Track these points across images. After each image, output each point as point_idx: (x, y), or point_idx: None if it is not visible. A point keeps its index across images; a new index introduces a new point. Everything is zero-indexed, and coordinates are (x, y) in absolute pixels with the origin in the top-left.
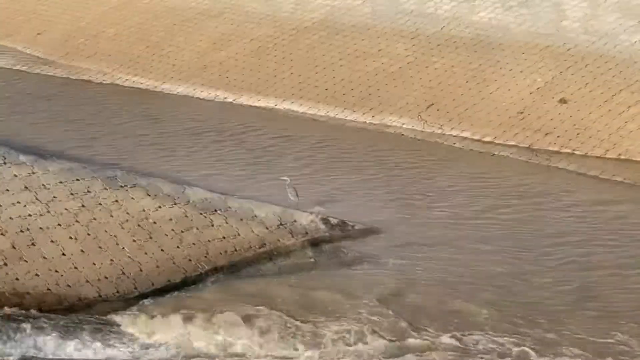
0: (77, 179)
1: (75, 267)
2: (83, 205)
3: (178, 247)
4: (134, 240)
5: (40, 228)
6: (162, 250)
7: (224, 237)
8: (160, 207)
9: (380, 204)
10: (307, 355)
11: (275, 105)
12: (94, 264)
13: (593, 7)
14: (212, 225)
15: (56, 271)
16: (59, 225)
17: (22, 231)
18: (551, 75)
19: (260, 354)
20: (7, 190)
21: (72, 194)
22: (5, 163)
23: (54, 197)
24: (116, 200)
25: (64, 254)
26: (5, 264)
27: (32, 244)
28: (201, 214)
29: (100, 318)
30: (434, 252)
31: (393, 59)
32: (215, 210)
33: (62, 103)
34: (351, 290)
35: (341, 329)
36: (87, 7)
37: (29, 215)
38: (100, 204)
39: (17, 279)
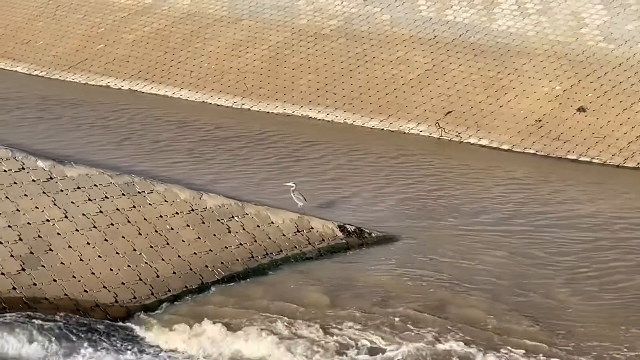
0: (95, 185)
1: (93, 273)
2: (100, 211)
3: (195, 253)
4: (151, 246)
5: (58, 233)
6: (178, 256)
7: (240, 244)
8: (177, 213)
9: (398, 211)
10: None
11: (293, 111)
12: (111, 269)
13: (612, 15)
14: (229, 232)
15: (73, 276)
16: (77, 230)
17: (39, 236)
18: (570, 83)
19: None
20: (26, 195)
21: (89, 199)
22: (23, 168)
23: (72, 202)
24: (133, 206)
25: (81, 260)
26: (23, 269)
27: (50, 249)
28: (218, 220)
29: (115, 324)
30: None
31: (411, 66)
32: (232, 217)
33: (79, 109)
34: None
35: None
36: (107, 13)
37: (47, 220)
38: (117, 209)
39: (34, 284)
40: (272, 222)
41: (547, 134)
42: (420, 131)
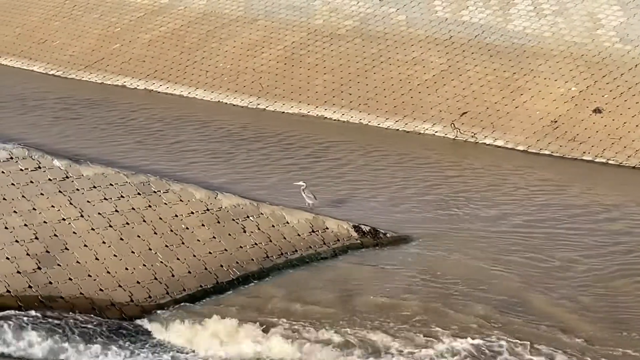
0: (111, 184)
1: (108, 272)
2: (116, 210)
3: (210, 252)
4: (166, 246)
5: (74, 232)
6: (194, 255)
7: (255, 244)
8: (192, 212)
9: (416, 212)
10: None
11: (308, 112)
12: (127, 268)
13: (628, 16)
14: (244, 231)
15: (89, 275)
16: (92, 229)
17: (55, 235)
18: (586, 84)
19: None
20: (42, 194)
21: (105, 198)
22: (39, 167)
23: (88, 201)
24: (149, 205)
25: (96, 259)
26: (39, 268)
27: (66, 248)
28: (233, 219)
29: (130, 322)
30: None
31: (427, 66)
32: (248, 217)
33: (96, 108)
34: None
35: None
36: (123, 13)
37: (63, 219)
38: (133, 209)
39: (50, 282)
40: (287, 222)
41: (562, 135)
42: (436, 132)
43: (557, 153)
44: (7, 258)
